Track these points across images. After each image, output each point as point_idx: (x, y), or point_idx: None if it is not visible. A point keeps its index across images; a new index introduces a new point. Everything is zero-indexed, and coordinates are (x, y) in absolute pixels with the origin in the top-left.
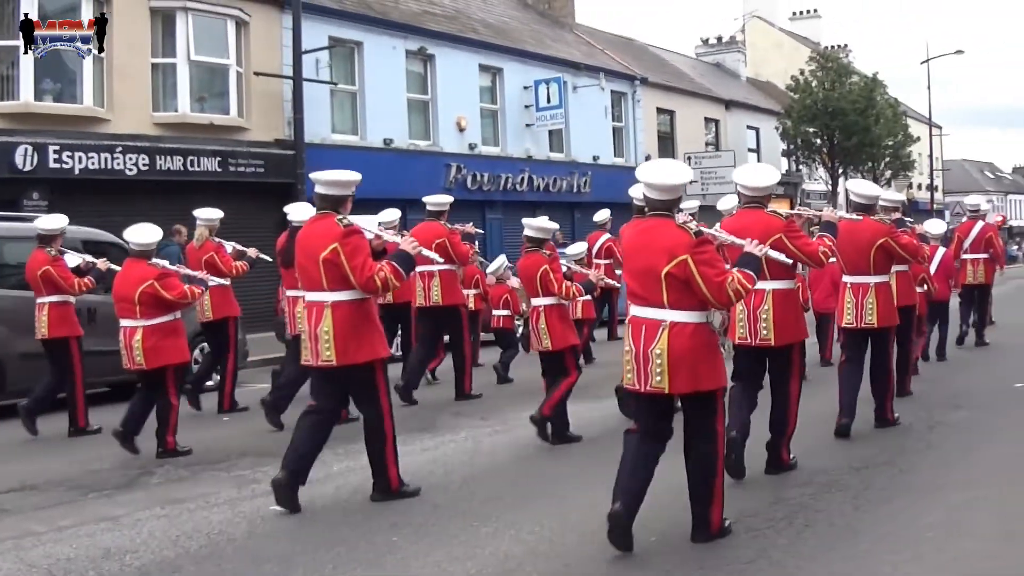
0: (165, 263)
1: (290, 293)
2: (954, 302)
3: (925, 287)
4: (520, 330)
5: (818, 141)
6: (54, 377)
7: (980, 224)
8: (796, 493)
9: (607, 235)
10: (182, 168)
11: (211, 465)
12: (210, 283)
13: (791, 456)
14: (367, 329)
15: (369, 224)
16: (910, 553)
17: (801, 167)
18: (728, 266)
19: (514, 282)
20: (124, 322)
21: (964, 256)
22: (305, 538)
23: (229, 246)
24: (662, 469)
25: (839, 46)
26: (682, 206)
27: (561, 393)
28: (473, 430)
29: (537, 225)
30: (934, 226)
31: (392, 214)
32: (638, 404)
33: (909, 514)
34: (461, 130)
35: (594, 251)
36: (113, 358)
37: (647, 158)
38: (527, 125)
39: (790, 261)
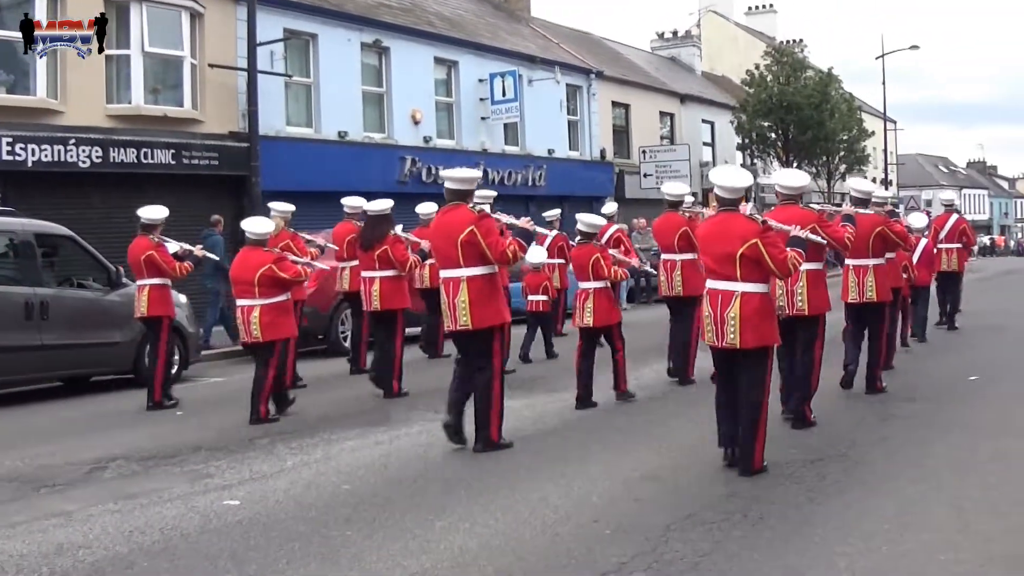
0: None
1: (365, 274)
2: (932, 287)
3: (907, 275)
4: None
5: (773, 135)
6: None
7: (955, 217)
8: (750, 486)
9: (616, 226)
10: (136, 160)
11: (164, 460)
12: (316, 267)
13: (812, 414)
14: (495, 298)
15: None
16: (865, 545)
17: (756, 161)
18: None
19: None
20: (241, 301)
21: (940, 246)
22: (259, 533)
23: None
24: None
25: (794, 41)
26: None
27: (622, 367)
28: (427, 423)
29: (588, 221)
30: (916, 219)
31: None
32: (716, 356)
33: (863, 506)
34: (416, 123)
35: (603, 241)
36: (66, 352)
37: (602, 152)
38: (482, 118)
39: (824, 242)
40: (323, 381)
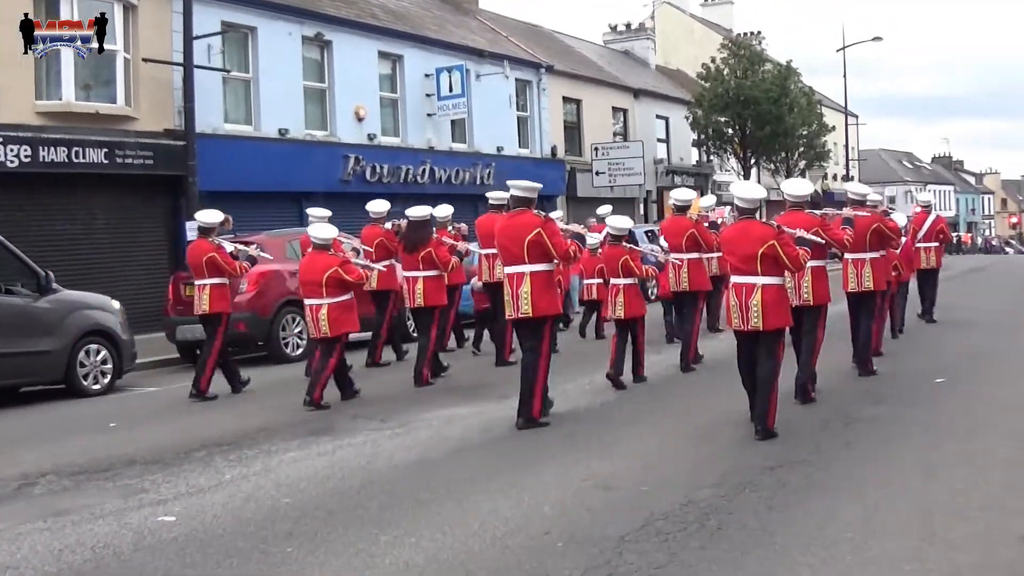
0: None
1: (406, 274)
2: (912, 284)
3: (896, 272)
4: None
5: (730, 131)
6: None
7: (932, 216)
8: (708, 494)
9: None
10: (66, 159)
11: (96, 474)
12: (376, 268)
13: (814, 392)
14: (552, 291)
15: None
16: (828, 554)
17: (712, 158)
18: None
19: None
20: (310, 300)
21: (918, 244)
22: (195, 550)
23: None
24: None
25: (752, 33)
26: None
27: (642, 355)
28: (372, 433)
29: (617, 224)
30: (897, 219)
31: (445, 209)
32: (740, 339)
33: (825, 514)
34: (360, 120)
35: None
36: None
37: (553, 149)
38: (428, 115)
39: (824, 243)
40: (264, 389)
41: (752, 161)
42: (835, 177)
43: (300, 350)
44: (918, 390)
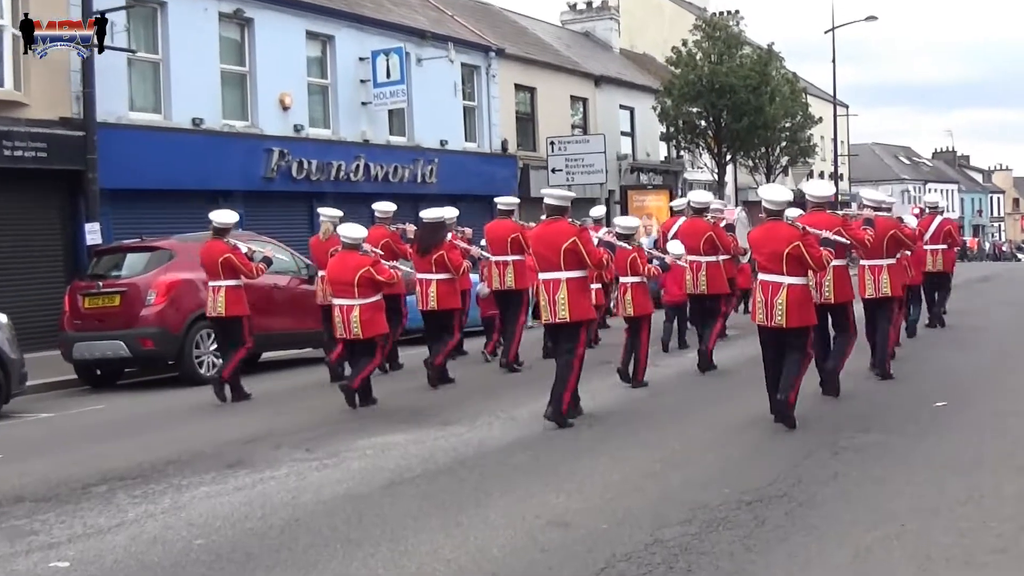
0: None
1: (419, 276)
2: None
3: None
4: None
5: (703, 123)
6: (226, 350)
7: (939, 218)
8: (677, 532)
9: (604, 229)
10: None
11: None
12: (404, 269)
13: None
14: (586, 297)
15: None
16: None
17: (683, 153)
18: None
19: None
20: (340, 301)
21: (925, 247)
22: None
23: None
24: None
25: (729, 13)
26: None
27: (644, 359)
28: (297, 464)
29: (625, 224)
30: (908, 222)
31: (451, 211)
32: (764, 334)
33: (811, 556)
34: (285, 108)
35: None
36: None
37: (503, 143)
38: (363, 103)
39: (848, 243)
40: (175, 416)
41: (728, 157)
42: (822, 175)
43: (216, 369)
44: (916, 415)
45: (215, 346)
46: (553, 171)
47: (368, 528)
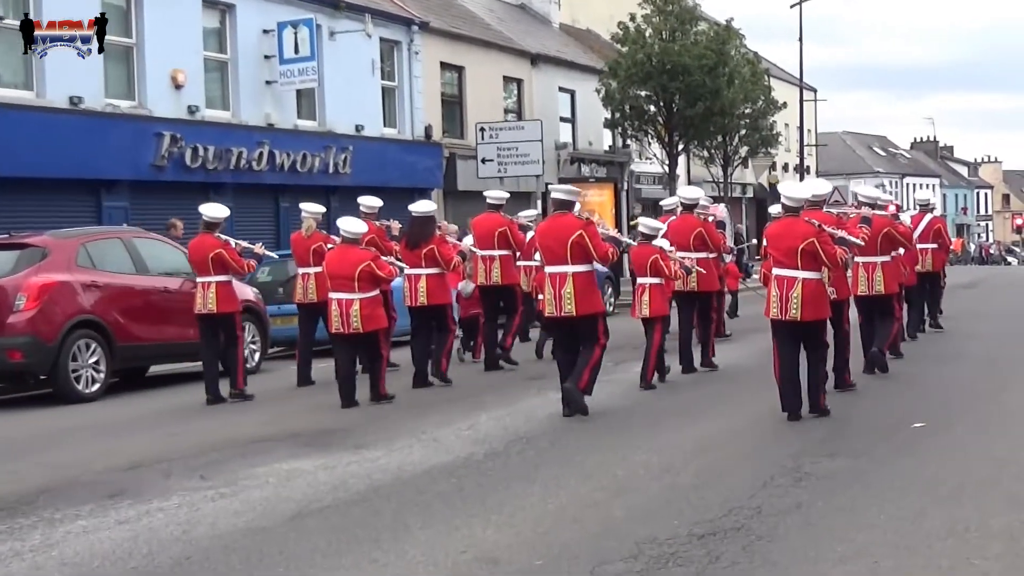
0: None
1: (408, 271)
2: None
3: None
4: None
5: (652, 108)
6: (212, 349)
7: (929, 216)
8: (621, 569)
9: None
10: None
11: None
12: (399, 266)
13: (851, 377)
14: (593, 291)
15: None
16: None
17: (629, 142)
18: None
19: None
20: (339, 295)
21: (916, 247)
22: None
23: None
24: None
25: None
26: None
27: (653, 361)
28: (189, 493)
29: (649, 224)
30: (903, 219)
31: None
32: (777, 328)
33: None
34: (178, 87)
35: None
36: None
37: (427, 129)
38: (267, 83)
39: (861, 243)
40: (45, 438)
41: (680, 147)
42: (786, 168)
43: (96, 385)
44: (891, 437)
45: (95, 359)
46: (483, 161)
47: (270, 566)
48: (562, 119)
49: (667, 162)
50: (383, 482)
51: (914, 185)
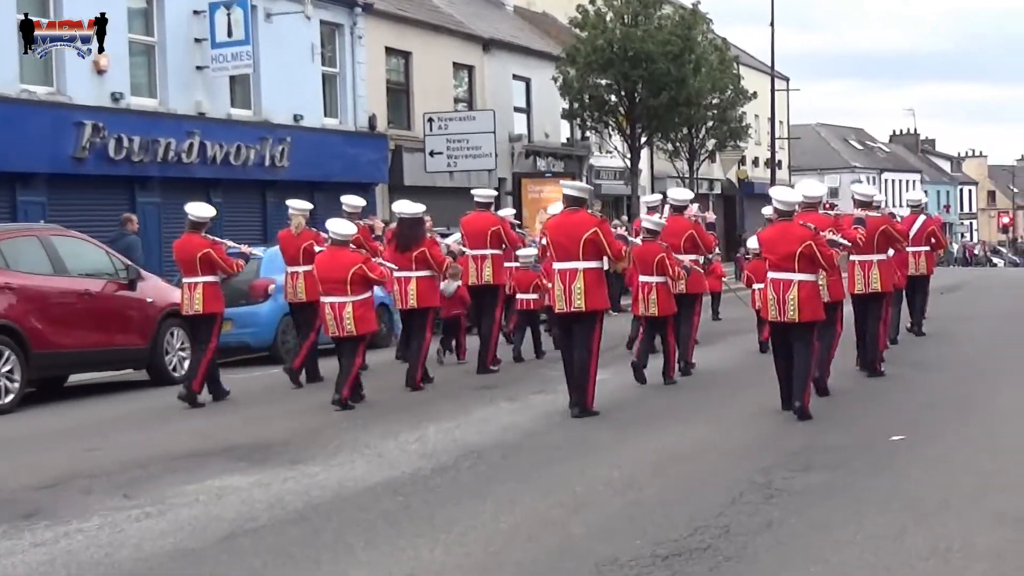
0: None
1: (398, 274)
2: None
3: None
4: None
5: (613, 98)
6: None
7: (922, 218)
8: None
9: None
10: None
11: None
12: (391, 267)
13: (829, 376)
14: (602, 287)
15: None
16: None
17: (589, 134)
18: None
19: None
20: (331, 298)
21: (908, 248)
22: None
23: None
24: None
25: None
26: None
27: (673, 355)
28: (112, 513)
29: (655, 221)
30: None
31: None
32: (775, 329)
33: None
34: (100, 72)
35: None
36: None
37: (371, 119)
38: (198, 68)
39: (851, 245)
40: None
41: (643, 140)
42: (756, 162)
43: (10, 396)
44: (869, 450)
45: (8, 367)
46: (432, 154)
47: None
48: (516, 109)
49: (629, 156)
50: (323, 499)
51: (894, 181)
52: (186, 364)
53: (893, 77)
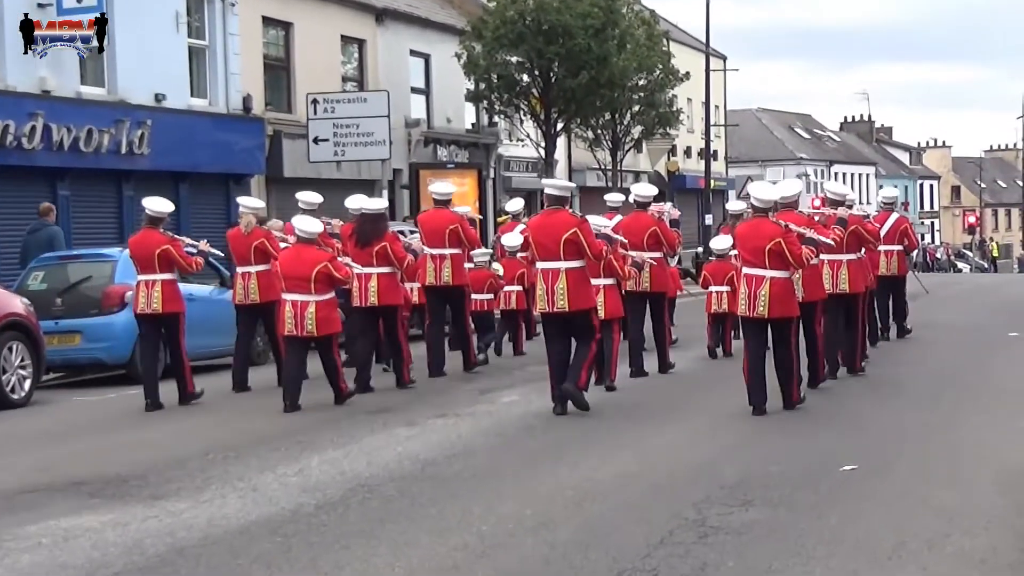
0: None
1: (358, 270)
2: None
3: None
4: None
5: (525, 78)
6: (154, 351)
7: (894, 216)
8: None
9: (521, 225)
10: None
11: None
12: (356, 267)
13: (825, 370)
14: (586, 287)
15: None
16: None
17: (497, 119)
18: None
19: (496, 267)
20: (294, 296)
21: (880, 248)
22: None
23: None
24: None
25: None
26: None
27: (615, 352)
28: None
29: (597, 222)
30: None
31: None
32: (746, 325)
33: None
34: None
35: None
36: None
37: (245, 101)
38: (42, 39)
39: (831, 243)
40: None
41: (559, 126)
42: (688, 152)
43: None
44: (816, 483)
45: None
46: (316, 141)
47: None
48: (414, 90)
49: (543, 144)
50: (189, 542)
51: (845, 175)
52: (27, 384)
53: (843, 56)
